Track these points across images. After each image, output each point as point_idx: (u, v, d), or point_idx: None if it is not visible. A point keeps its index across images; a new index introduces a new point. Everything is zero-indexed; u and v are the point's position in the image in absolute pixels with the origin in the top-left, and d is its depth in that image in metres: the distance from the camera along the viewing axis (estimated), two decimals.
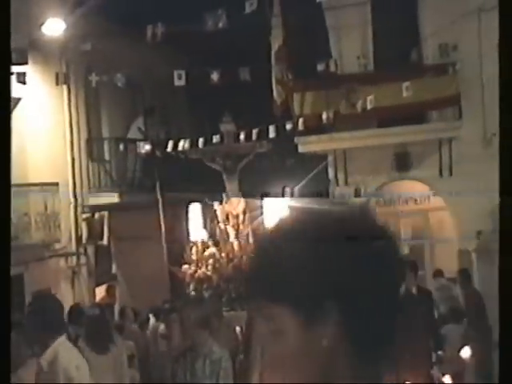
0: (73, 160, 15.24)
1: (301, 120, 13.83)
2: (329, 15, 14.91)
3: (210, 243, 13.29)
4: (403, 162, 14.96)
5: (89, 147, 15.84)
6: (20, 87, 12.74)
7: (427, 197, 15.18)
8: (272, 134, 13.62)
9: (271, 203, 13.37)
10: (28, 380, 5.20)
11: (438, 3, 14.27)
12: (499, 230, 1.36)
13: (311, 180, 16.13)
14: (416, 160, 14.90)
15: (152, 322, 11.75)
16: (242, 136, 13.74)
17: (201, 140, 13.79)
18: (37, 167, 13.58)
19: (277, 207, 13.34)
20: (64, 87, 14.71)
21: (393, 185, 15.26)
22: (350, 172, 15.10)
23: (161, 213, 15.56)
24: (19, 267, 12.06)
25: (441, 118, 14.63)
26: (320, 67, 14.11)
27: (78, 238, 15.25)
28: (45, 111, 14.46)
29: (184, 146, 14.12)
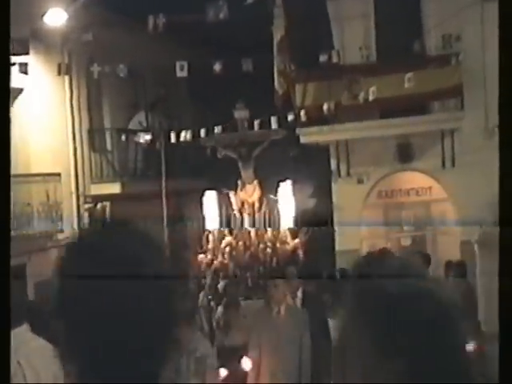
0: (75, 150, 15.26)
1: (302, 111, 13.85)
2: (331, 5, 14.89)
3: (226, 232, 13.16)
4: (405, 153, 14.95)
5: (91, 138, 15.86)
6: (22, 77, 12.73)
7: (429, 188, 15.17)
8: (274, 125, 13.59)
9: (286, 192, 13.25)
10: None
11: None
12: (499, 230, 1.35)
13: (313, 171, 16.12)
14: (418, 151, 14.89)
15: None
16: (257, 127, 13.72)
17: (217, 127, 13.74)
18: (39, 158, 13.59)
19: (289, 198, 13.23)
20: (66, 78, 14.70)
21: (395, 176, 15.26)
22: (352, 163, 15.11)
23: (164, 202, 15.54)
24: (21, 257, 12.08)
25: (443, 109, 14.61)
26: (322, 58, 14.07)
27: (81, 228, 15.26)
28: (47, 102, 14.46)
29: (186, 137, 14.11)
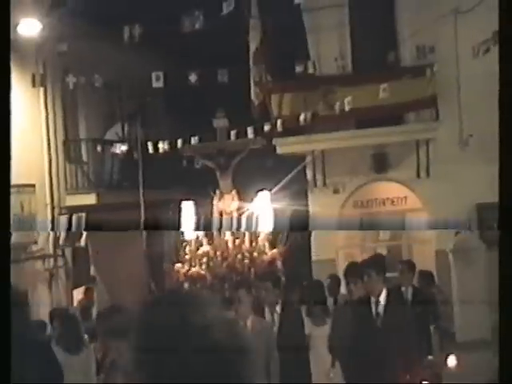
0: (50, 161, 15.18)
1: (279, 121, 13.85)
2: (307, 17, 14.95)
3: (204, 241, 13.09)
4: (381, 163, 15.03)
5: (66, 148, 15.77)
6: None
7: (404, 198, 15.26)
8: (250, 136, 13.60)
9: (264, 202, 13.25)
10: None
11: (415, 5, 14.37)
12: (499, 231, 1.36)
13: (289, 181, 16.14)
14: (394, 161, 14.98)
15: None
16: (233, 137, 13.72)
17: (194, 138, 13.72)
18: (13, 169, 13.38)
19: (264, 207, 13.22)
20: (41, 89, 14.61)
21: (371, 186, 15.33)
22: (329, 173, 15.16)
23: (142, 213, 15.46)
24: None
25: (418, 120, 14.72)
26: (298, 69, 14.14)
27: (56, 240, 15.14)
28: (21, 112, 14.35)
29: (164, 148, 14.03)
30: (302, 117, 13.73)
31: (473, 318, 10.91)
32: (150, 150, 14.09)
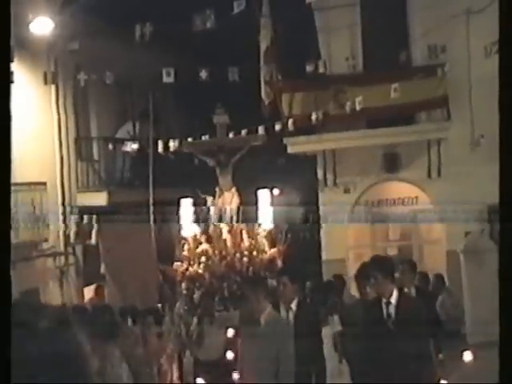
0: (61, 159, 15.15)
1: (290, 121, 13.85)
2: (318, 16, 14.94)
3: (203, 239, 12.99)
4: (392, 163, 15.01)
5: (77, 147, 15.76)
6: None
7: (415, 198, 15.22)
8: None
9: (265, 200, 13.17)
10: None
11: (427, 5, 14.33)
12: (499, 231, 1.36)
13: (300, 181, 16.15)
14: (405, 161, 14.94)
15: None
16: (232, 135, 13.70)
17: (193, 134, 13.71)
18: (25, 166, 13.49)
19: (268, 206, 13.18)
20: (52, 86, 14.63)
21: (381, 185, 15.30)
22: (339, 173, 15.14)
23: (151, 212, 15.49)
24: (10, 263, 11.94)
25: (429, 120, 14.68)
26: (309, 68, 14.10)
27: (67, 238, 15.18)
28: (33, 110, 14.39)
29: (174, 146, 14.05)
30: (313, 116, 13.75)
31: (484, 319, 10.87)
32: (160, 149, 14.07)
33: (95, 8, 13.87)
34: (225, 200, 13.23)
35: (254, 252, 12.70)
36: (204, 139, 13.68)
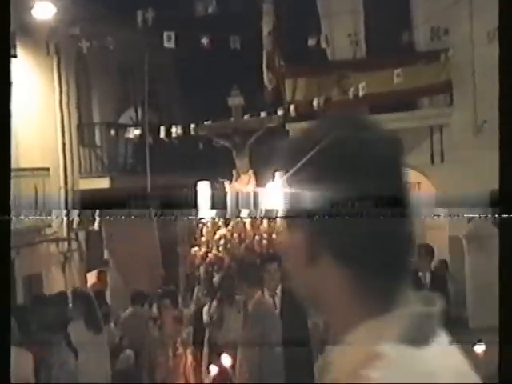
0: (63, 145, 15.19)
1: (292, 106, 13.81)
2: (320, 1, 14.88)
3: (221, 223, 12.89)
4: None
5: (80, 132, 15.82)
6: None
7: (418, 184, 15.20)
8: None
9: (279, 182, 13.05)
10: None
11: None
12: (499, 218, 1.36)
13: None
14: (407, 147, 14.77)
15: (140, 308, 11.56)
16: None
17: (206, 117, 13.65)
18: (28, 152, 13.52)
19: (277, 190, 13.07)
20: (54, 72, 14.63)
21: None
22: None
23: (152, 196, 15.47)
24: (10, 252, 12.01)
25: (432, 105, 14.65)
26: (311, 42, 14.07)
27: (69, 224, 15.22)
28: (35, 96, 14.39)
29: (177, 132, 13.99)
30: (316, 102, 13.71)
31: (486, 305, 10.89)
32: (162, 135, 14.04)
33: None
34: (241, 182, 13.14)
35: (273, 234, 12.57)
36: (219, 122, 13.62)
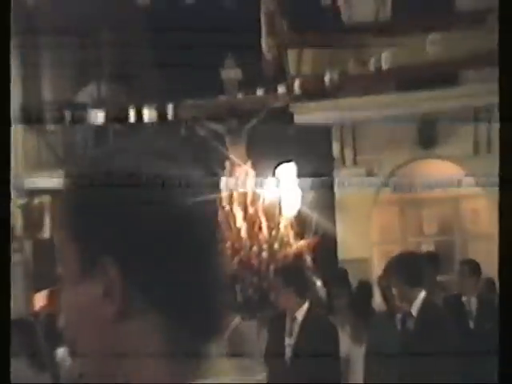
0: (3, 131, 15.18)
1: (297, 82, 13.93)
2: None
3: None
4: (428, 137, 15.04)
5: (25, 114, 15.80)
6: None
7: (458, 180, 15.24)
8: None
9: (289, 178, 13.09)
10: None
11: None
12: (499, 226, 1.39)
13: (312, 158, 16.13)
14: (444, 133, 14.95)
15: None
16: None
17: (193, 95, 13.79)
18: None
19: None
20: None
21: (414, 165, 15.31)
22: (360, 149, 15.19)
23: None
24: None
25: (476, 81, 14.65)
26: (324, 1, 14.24)
27: (12, 230, 15.23)
28: None
29: (150, 115, 14.19)
30: (327, 77, 13.81)
31: None
32: (132, 118, 14.16)
33: None
34: (237, 177, 13.34)
35: (276, 245, 12.73)
36: (207, 101, 13.81)
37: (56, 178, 15.55)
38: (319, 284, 9.66)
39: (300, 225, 13.01)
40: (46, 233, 15.50)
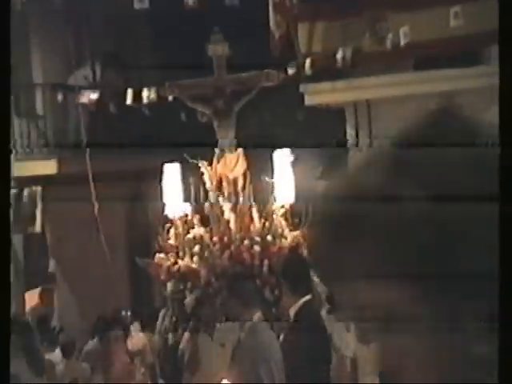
0: None
1: (308, 61, 13.71)
2: None
3: (196, 221, 12.76)
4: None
5: (14, 97, 15.54)
6: None
7: None
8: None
9: (283, 165, 12.90)
10: None
11: None
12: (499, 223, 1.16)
13: (322, 144, 15.95)
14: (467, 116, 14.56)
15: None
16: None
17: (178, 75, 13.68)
18: None
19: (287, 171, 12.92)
20: None
21: None
22: (376, 133, 14.85)
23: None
24: None
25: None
26: None
27: None
28: None
29: (149, 97, 13.96)
30: (340, 54, 13.61)
31: None
32: (129, 100, 13.98)
33: None
34: (226, 165, 13.04)
35: (269, 237, 12.44)
36: (193, 79, 13.57)
37: (48, 165, 15.51)
38: (317, 279, 9.28)
39: (296, 215, 12.66)
40: (38, 227, 15.38)
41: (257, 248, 12.38)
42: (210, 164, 13.04)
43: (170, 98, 13.82)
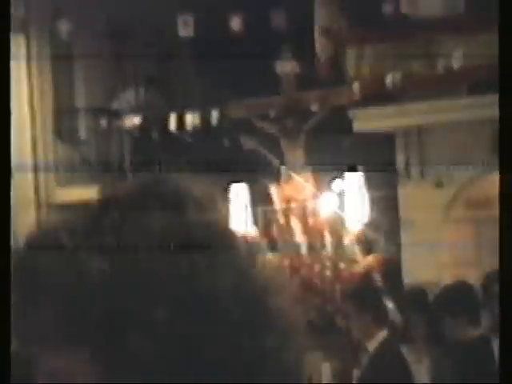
0: (34, 140, 15.39)
1: (356, 85, 13.84)
2: None
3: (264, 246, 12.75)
4: None
5: (56, 122, 15.94)
6: None
7: None
8: (314, 109, 13.38)
9: (354, 187, 12.97)
10: None
11: None
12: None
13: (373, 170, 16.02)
14: None
15: None
16: None
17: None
18: None
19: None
20: (22, 40, 14.89)
21: (490, 178, 14.94)
22: (428, 159, 15.00)
23: None
24: None
25: None
26: (387, 9, 14.26)
27: None
28: None
29: (193, 122, 14.28)
30: (390, 79, 13.76)
31: None
32: (172, 126, 14.23)
33: None
34: (295, 187, 13.11)
35: (341, 262, 12.47)
36: (260, 98, 13.75)
37: (89, 191, 15.65)
38: (392, 307, 9.28)
39: (366, 240, 12.76)
40: None
41: (328, 273, 12.40)
42: (278, 185, 13.11)
43: (214, 123, 14.06)
